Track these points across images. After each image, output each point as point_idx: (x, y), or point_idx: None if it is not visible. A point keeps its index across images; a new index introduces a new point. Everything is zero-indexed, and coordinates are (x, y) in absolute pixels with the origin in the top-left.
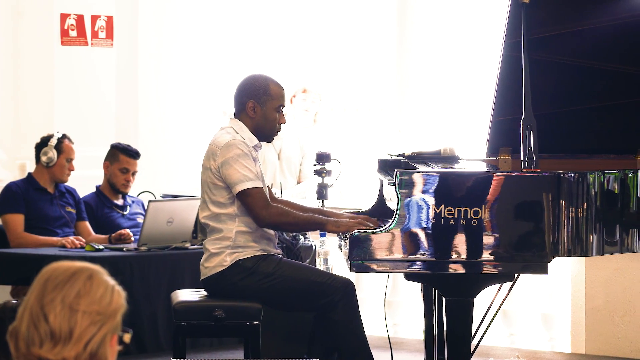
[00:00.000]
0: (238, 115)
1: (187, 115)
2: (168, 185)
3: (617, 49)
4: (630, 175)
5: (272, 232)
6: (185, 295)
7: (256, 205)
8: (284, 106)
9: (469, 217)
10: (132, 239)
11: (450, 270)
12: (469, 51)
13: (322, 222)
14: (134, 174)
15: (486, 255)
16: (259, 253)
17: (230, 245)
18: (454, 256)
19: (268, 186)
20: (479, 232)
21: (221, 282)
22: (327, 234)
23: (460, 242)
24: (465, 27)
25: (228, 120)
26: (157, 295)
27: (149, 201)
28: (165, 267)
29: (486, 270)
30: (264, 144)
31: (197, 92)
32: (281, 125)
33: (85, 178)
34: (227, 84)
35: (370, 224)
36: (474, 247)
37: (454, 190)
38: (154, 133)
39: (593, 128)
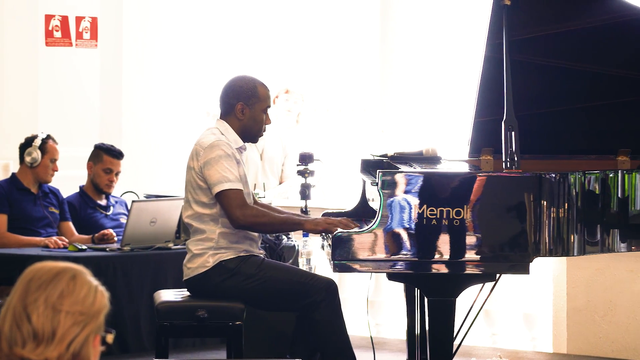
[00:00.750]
0: (225, 116)
1: (171, 115)
2: (151, 186)
3: (597, 51)
4: (610, 175)
5: (255, 233)
6: (168, 295)
7: (231, 206)
8: (269, 107)
9: (451, 217)
10: (115, 239)
11: (433, 270)
12: (451, 52)
13: (299, 222)
14: (117, 174)
15: (468, 255)
16: (241, 254)
17: (213, 247)
18: (437, 256)
19: (250, 189)
20: (461, 232)
21: (204, 283)
22: (310, 234)
23: (442, 242)
24: (448, 28)
25: (214, 121)
26: (140, 295)
27: (132, 201)
28: (148, 267)
29: (468, 270)
30: (246, 144)
31: (180, 92)
32: (266, 126)
33: (68, 178)
34: (210, 85)
35: (350, 224)
36: (456, 247)
37: (437, 190)
38: (138, 133)
39: (574, 129)
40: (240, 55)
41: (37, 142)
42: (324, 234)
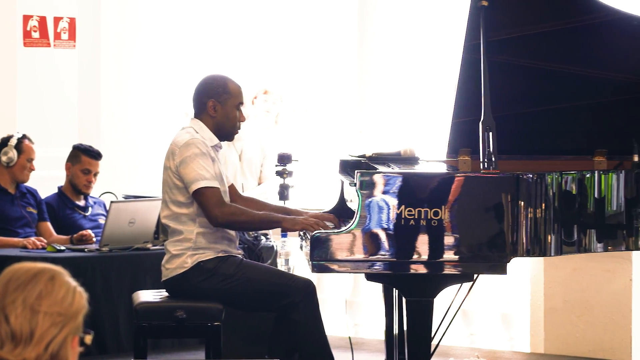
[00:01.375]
0: (198, 115)
1: (149, 116)
2: (130, 186)
3: (574, 52)
4: (587, 176)
5: (233, 232)
6: (147, 296)
7: (209, 204)
8: (242, 104)
9: (429, 217)
10: (94, 239)
11: (411, 271)
12: (430, 53)
13: (278, 220)
14: (95, 174)
15: (446, 255)
16: (219, 254)
17: (191, 247)
18: (415, 256)
19: (232, 184)
20: (439, 232)
21: (182, 284)
22: (289, 234)
23: (420, 242)
24: (426, 28)
25: (189, 120)
26: (119, 296)
27: (111, 202)
28: (127, 268)
29: (446, 271)
30: (225, 145)
31: (159, 93)
32: (241, 123)
33: (47, 179)
34: (189, 85)
35: (330, 223)
36: (434, 247)
37: (415, 191)
38: (116, 134)
39: (551, 129)
40: (218, 56)
41: (13, 141)
42: (302, 234)
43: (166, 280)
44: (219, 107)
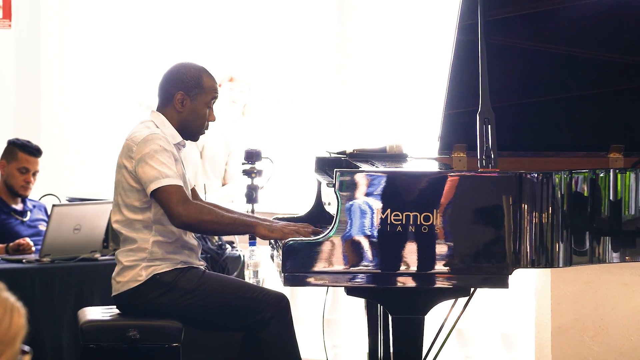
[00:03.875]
0: (163, 107)
1: (97, 107)
2: (75, 188)
3: (587, 33)
4: (601, 175)
5: (194, 242)
6: (95, 313)
7: (172, 202)
8: (215, 101)
9: (418, 223)
10: (33, 249)
11: (398, 284)
12: (417, 35)
13: (251, 224)
14: (34, 174)
15: (439, 266)
16: (178, 266)
17: (146, 258)
18: (402, 268)
19: (194, 187)
20: (430, 240)
21: (136, 299)
22: (258, 242)
23: (409, 251)
24: (413, 8)
25: (148, 112)
26: (62, 313)
27: (53, 205)
28: (72, 281)
29: (439, 284)
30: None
31: (108, 80)
32: (210, 124)
33: None
34: (142, 71)
35: (310, 232)
36: (425, 257)
37: (402, 192)
38: (58, 127)
39: (560, 122)
40: (177, 37)
41: None
42: (273, 242)
43: (117, 295)
44: (187, 102)
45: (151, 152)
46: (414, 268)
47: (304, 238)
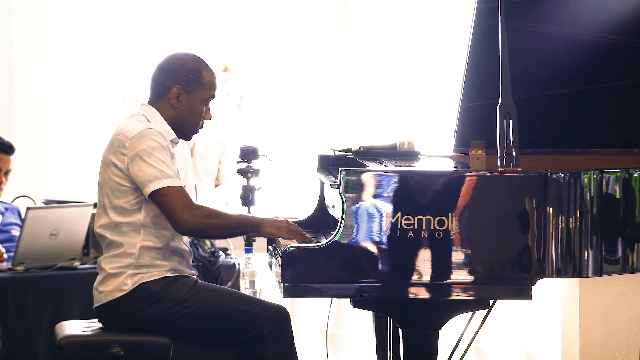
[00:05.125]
0: (156, 101)
1: (76, 99)
2: (51, 189)
3: (622, 17)
4: (635, 175)
5: (185, 247)
6: (74, 327)
7: (177, 207)
8: (213, 98)
9: (432, 228)
10: (5, 256)
11: (410, 295)
12: (431, 21)
13: (257, 223)
14: (6, 173)
15: (454, 276)
16: (168, 274)
17: (132, 264)
18: (414, 277)
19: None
20: (445, 247)
21: (120, 311)
22: (254, 248)
23: (421, 259)
24: None
25: (134, 105)
26: (38, 327)
27: (27, 208)
28: (48, 292)
29: (454, 295)
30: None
31: (88, 70)
32: (204, 122)
33: None
34: (126, 60)
35: (312, 238)
36: (439, 266)
37: (414, 194)
38: (33, 122)
39: (590, 116)
40: (165, 24)
41: None
42: (271, 248)
43: (99, 306)
44: (184, 97)
45: (148, 149)
46: (427, 278)
47: (306, 245)
